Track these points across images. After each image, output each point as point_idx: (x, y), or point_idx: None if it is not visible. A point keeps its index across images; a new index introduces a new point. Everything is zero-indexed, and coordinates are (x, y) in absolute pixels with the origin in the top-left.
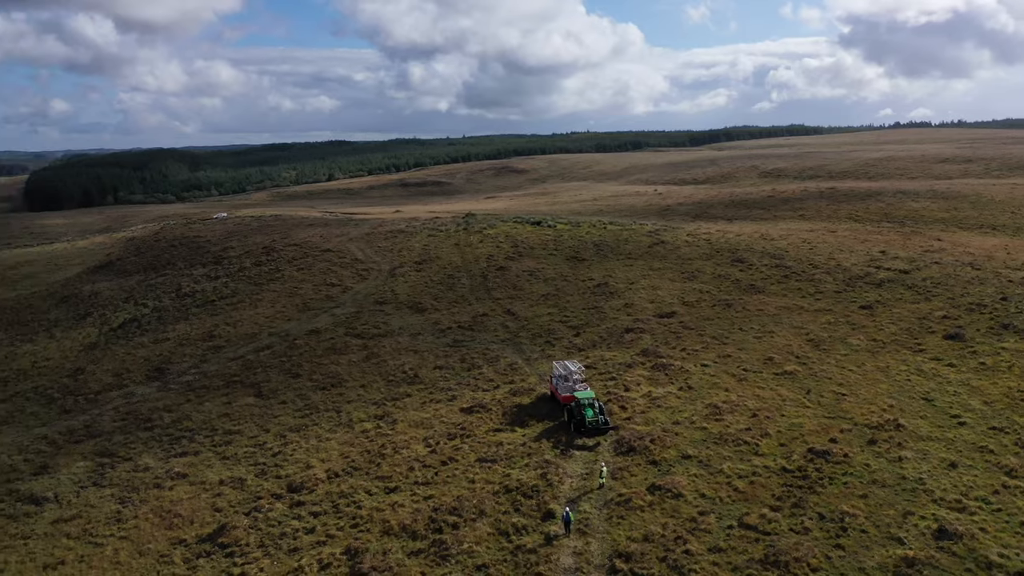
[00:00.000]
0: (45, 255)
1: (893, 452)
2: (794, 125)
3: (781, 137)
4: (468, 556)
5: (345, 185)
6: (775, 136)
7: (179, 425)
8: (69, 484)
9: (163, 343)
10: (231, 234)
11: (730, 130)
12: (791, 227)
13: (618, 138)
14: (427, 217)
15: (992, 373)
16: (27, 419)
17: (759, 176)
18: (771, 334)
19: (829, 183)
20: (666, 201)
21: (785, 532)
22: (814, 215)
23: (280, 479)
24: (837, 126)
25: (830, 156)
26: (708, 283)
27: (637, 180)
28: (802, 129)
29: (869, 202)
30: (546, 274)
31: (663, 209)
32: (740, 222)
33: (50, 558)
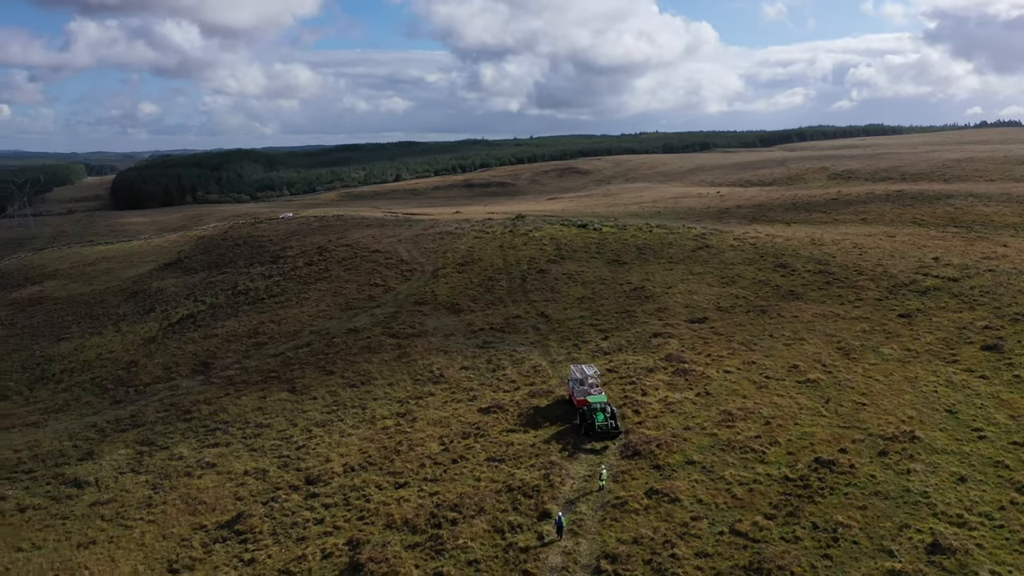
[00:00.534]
0: (122, 252)
1: (902, 464)
2: (872, 125)
3: (857, 137)
4: (462, 552)
5: (411, 185)
6: (851, 136)
7: (215, 417)
8: (110, 470)
9: (211, 339)
10: (292, 234)
11: (803, 130)
12: (848, 231)
13: (686, 139)
14: (481, 218)
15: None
16: (81, 408)
17: (828, 178)
18: (801, 341)
19: (899, 185)
20: (726, 203)
21: (775, 540)
22: (876, 219)
23: (300, 471)
24: (919, 125)
25: (906, 157)
26: (746, 288)
27: (702, 181)
28: (880, 129)
29: (937, 205)
30: (585, 277)
31: (721, 211)
32: (798, 226)
33: (83, 538)
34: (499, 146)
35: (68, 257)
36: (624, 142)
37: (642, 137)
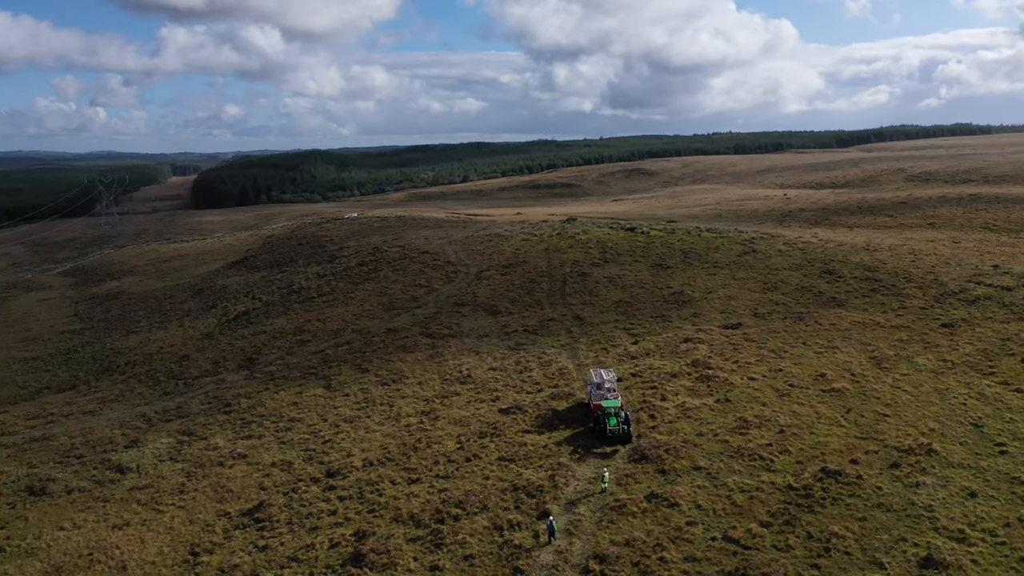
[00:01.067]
0: (196, 250)
1: (913, 477)
2: (959, 124)
3: (941, 138)
4: (459, 546)
5: (478, 186)
6: (935, 136)
7: (253, 410)
8: (151, 457)
9: (260, 335)
10: (353, 234)
11: (883, 130)
12: (912, 236)
13: (759, 139)
14: (536, 220)
15: None
16: (135, 398)
17: (904, 180)
18: (834, 350)
19: (978, 188)
20: (791, 206)
21: (766, 548)
22: (945, 223)
23: (322, 464)
24: (1010, 125)
25: (990, 158)
26: (788, 295)
27: (771, 183)
28: (968, 128)
29: (1013, 210)
30: (626, 281)
31: (784, 214)
32: (860, 230)
33: (119, 520)
34: (568, 147)
35: (146, 254)
36: (695, 143)
37: (714, 138)
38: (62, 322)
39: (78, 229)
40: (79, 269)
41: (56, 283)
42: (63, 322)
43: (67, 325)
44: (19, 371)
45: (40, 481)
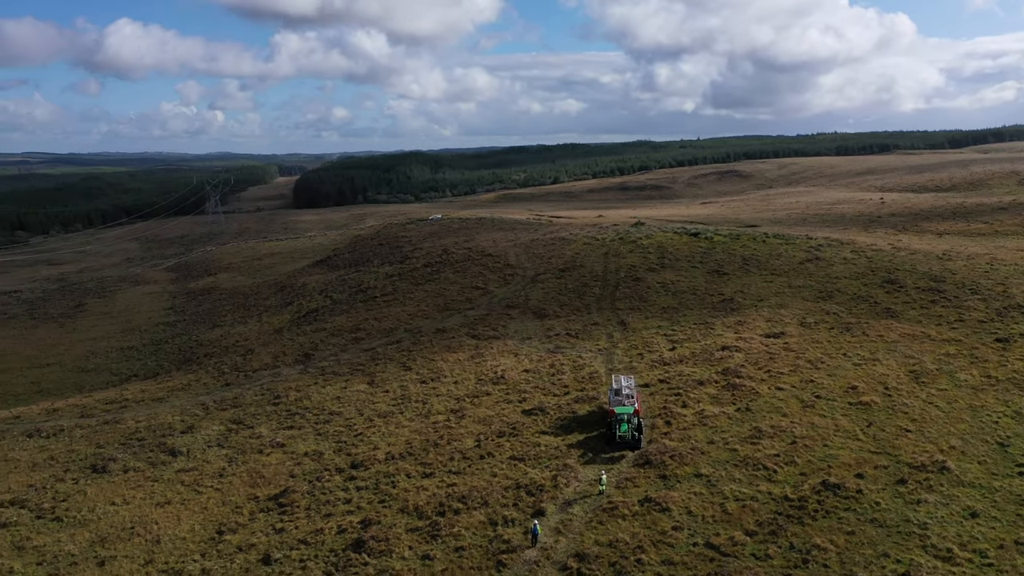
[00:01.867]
0: (288, 248)
1: (916, 494)
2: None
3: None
4: (454, 538)
5: (567, 188)
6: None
7: (299, 403)
8: (201, 443)
9: (320, 332)
10: (430, 235)
11: (1003, 130)
12: (1001, 244)
13: (863, 140)
14: (608, 223)
15: None
16: (199, 388)
17: (1018, 183)
18: (874, 362)
19: None
20: (882, 211)
21: (745, 556)
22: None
23: (349, 456)
24: None
25: None
26: (842, 304)
27: (869, 186)
28: None
29: None
30: (678, 287)
31: (872, 219)
32: (950, 236)
33: (162, 498)
34: (663, 148)
35: (242, 252)
36: (795, 143)
37: (817, 138)
38: (159, 314)
39: (187, 227)
40: (182, 265)
41: (160, 278)
42: (160, 314)
43: (163, 317)
44: (115, 359)
45: (103, 460)
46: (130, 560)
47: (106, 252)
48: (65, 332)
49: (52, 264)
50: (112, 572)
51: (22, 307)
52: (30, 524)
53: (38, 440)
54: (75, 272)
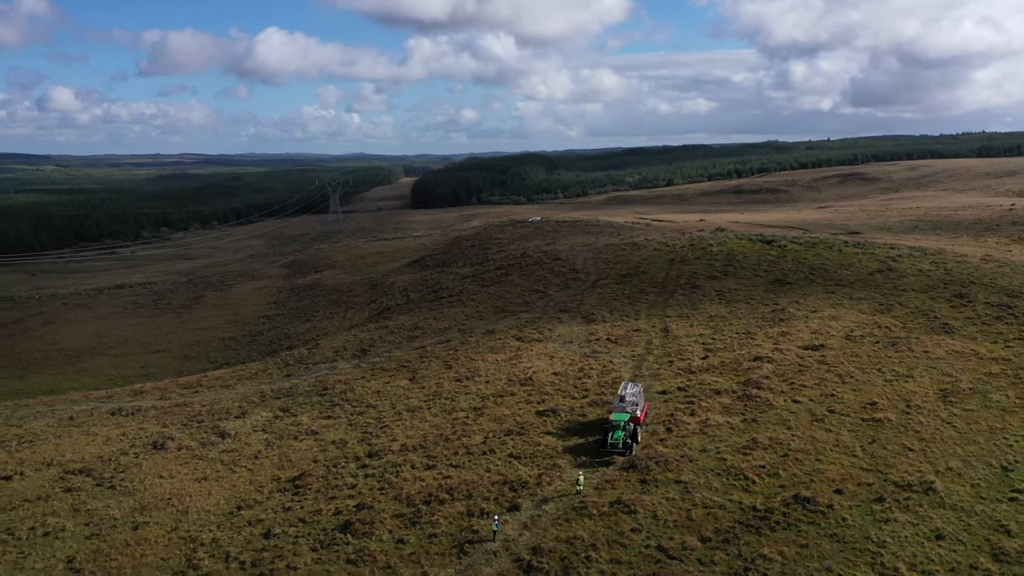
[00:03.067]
0: (391, 248)
1: (888, 513)
2: None
3: None
4: (430, 526)
5: (679, 190)
6: None
7: (343, 395)
8: (248, 427)
9: (382, 329)
10: (520, 238)
11: None
12: None
13: (1011, 140)
14: (696, 228)
15: None
16: (264, 377)
17: None
18: (908, 379)
19: None
20: (1005, 218)
21: (690, 561)
22: None
23: (369, 446)
24: None
25: None
26: (899, 318)
27: (1006, 191)
28: None
29: None
30: (734, 296)
31: (988, 227)
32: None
33: (201, 475)
34: (787, 149)
35: (350, 250)
36: (934, 144)
37: (961, 139)
38: (263, 308)
39: (309, 225)
40: (294, 262)
41: (274, 273)
42: (263, 308)
43: (265, 311)
44: (215, 348)
45: (163, 438)
46: (159, 526)
47: (235, 248)
48: (180, 322)
49: (187, 258)
50: (142, 536)
51: (150, 297)
52: (90, 490)
53: (118, 418)
54: (204, 266)
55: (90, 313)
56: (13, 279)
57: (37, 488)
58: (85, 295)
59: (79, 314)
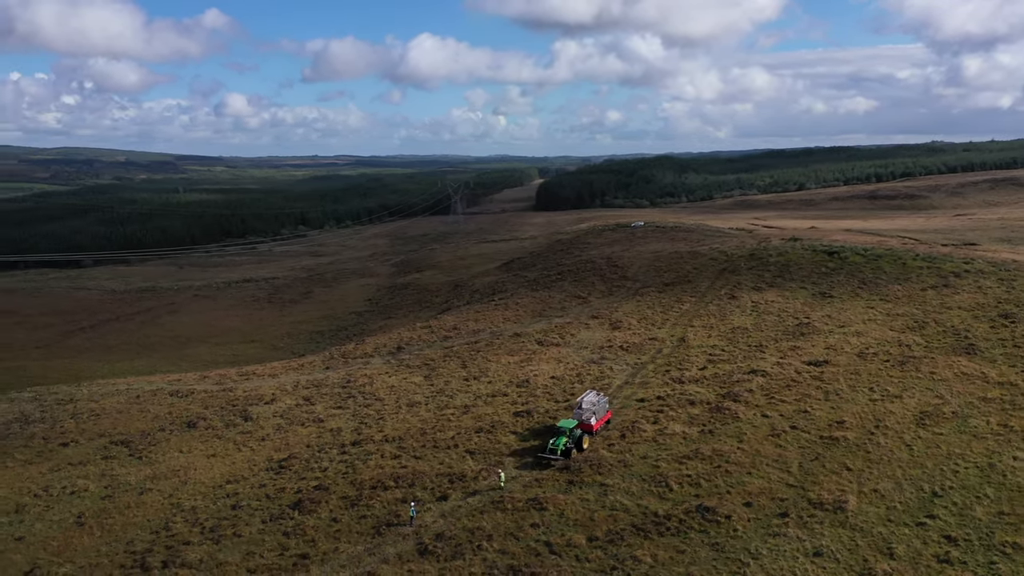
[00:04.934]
0: (493, 250)
1: (783, 528)
2: None
3: None
4: (366, 508)
5: (809, 195)
6: None
7: (361, 388)
8: (270, 413)
9: (424, 329)
10: (608, 242)
11: None
12: None
13: None
14: (788, 235)
15: None
16: (310, 368)
17: None
18: (894, 399)
19: None
20: None
21: (567, 557)
22: None
23: (358, 434)
24: None
25: None
26: (928, 336)
27: None
28: None
29: None
30: (771, 307)
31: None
32: None
33: (212, 451)
34: (940, 152)
35: (455, 252)
36: None
37: None
38: (358, 305)
39: (432, 225)
40: (404, 261)
41: (382, 272)
42: (358, 305)
43: (358, 307)
44: (301, 341)
45: (197, 418)
46: (159, 493)
47: (360, 246)
48: (281, 315)
49: (315, 256)
50: (142, 500)
51: (267, 292)
52: (122, 459)
53: (175, 399)
54: (326, 263)
55: (211, 304)
56: (162, 271)
57: (83, 454)
58: (214, 288)
59: (202, 305)
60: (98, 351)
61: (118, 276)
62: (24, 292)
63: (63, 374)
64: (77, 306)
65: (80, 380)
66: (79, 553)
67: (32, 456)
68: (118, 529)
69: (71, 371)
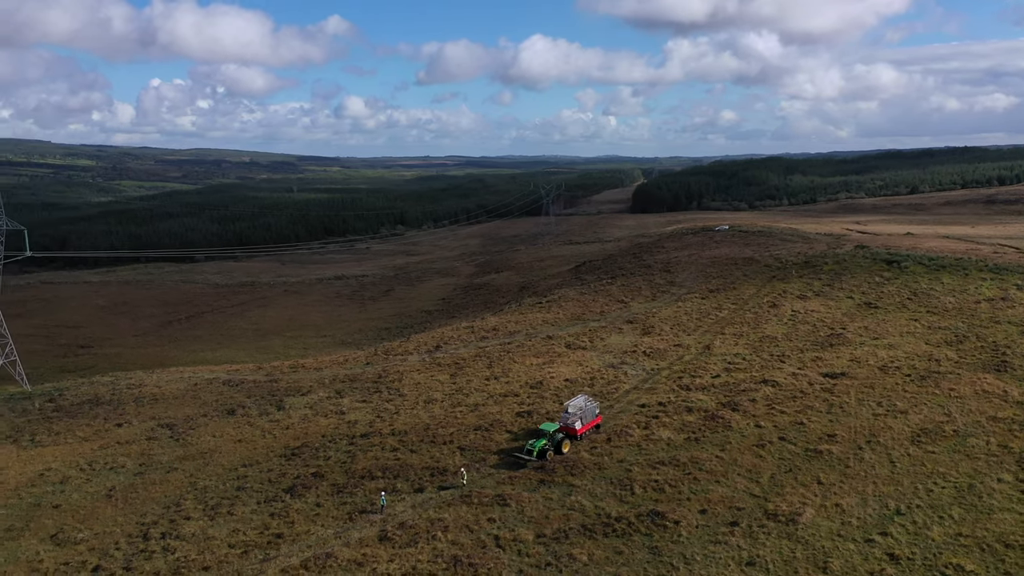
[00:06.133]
0: (575, 252)
1: (729, 537)
2: None
3: None
4: (348, 496)
5: (919, 199)
6: None
7: (389, 384)
8: (302, 404)
9: (466, 329)
10: (682, 247)
11: None
12: None
13: None
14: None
15: None
16: (352, 364)
17: None
18: (898, 415)
19: None
20: None
21: (510, 551)
22: None
23: (370, 427)
24: None
25: None
26: (962, 352)
27: None
28: None
29: None
30: (810, 317)
31: None
32: None
33: (240, 437)
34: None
35: (538, 253)
36: None
37: None
38: (431, 304)
39: (524, 227)
40: (487, 262)
41: (464, 272)
42: (431, 304)
43: (430, 306)
44: (368, 337)
45: (237, 406)
46: (183, 472)
47: (452, 246)
48: (359, 311)
49: (408, 254)
50: (167, 478)
51: (353, 289)
52: (163, 440)
53: (226, 388)
54: (415, 262)
55: (299, 299)
56: (265, 267)
57: (131, 434)
58: (306, 284)
59: (290, 300)
60: (187, 340)
61: (224, 271)
62: (139, 284)
63: (149, 361)
64: (181, 298)
65: (162, 367)
66: (99, 522)
67: (90, 434)
68: (138, 503)
69: (157, 358)
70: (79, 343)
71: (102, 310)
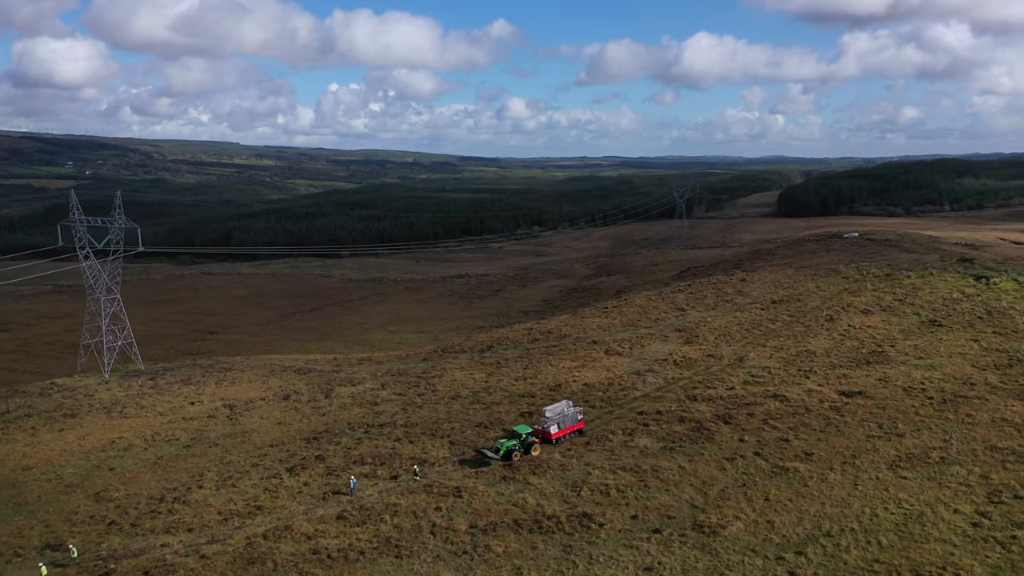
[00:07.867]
0: (692, 257)
1: (643, 542)
2: None
3: None
4: (335, 479)
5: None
6: None
7: (428, 380)
8: (347, 393)
9: (525, 330)
10: (796, 255)
11: None
12: None
13: None
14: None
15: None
16: (409, 360)
17: None
18: (892, 438)
19: None
20: None
21: (440, 537)
22: None
23: (391, 417)
24: None
25: None
26: (1006, 377)
27: None
28: None
29: None
30: (859, 333)
31: None
32: None
33: (282, 419)
34: None
35: (653, 257)
36: None
37: None
38: (531, 305)
39: (657, 230)
40: (602, 264)
41: (579, 274)
42: (532, 305)
43: (529, 307)
44: (461, 334)
45: (293, 392)
46: (220, 448)
47: (582, 248)
48: (461, 310)
49: (536, 255)
50: (204, 452)
51: (467, 287)
52: (220, 419)
53: (295, 375)
54: (540, 263)
55: (414, 296)
56: (399, 264)
57: (197, 413)
58: (428, 281)
59: (405, 296)
60: (300, 331)
61: (362, 267)
62: (279, 277)
63: (260, 348)
64: (310, 291)
65: (269, 354)
66: (136, 485)
67: (167, 410)
68: (173, 472)
69: (267, 346)
70: (209, 329)
71: (238, 300)
